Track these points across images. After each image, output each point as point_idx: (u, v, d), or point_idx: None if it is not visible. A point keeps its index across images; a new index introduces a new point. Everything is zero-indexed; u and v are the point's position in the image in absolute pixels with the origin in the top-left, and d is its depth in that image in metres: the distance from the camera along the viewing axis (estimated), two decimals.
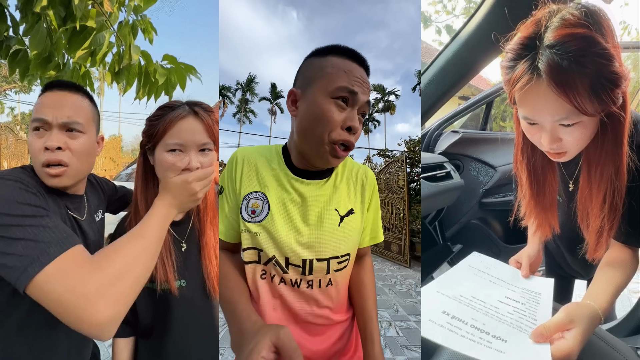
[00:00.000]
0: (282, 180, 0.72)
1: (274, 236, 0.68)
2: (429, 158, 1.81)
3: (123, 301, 0.52)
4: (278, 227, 0.68)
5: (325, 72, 0.62)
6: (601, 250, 0.77)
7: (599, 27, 0.60)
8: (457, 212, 2.06)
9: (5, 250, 0.51)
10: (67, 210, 0.71)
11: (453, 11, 4.32)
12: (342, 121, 0.61)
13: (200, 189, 0.68)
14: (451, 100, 1.33)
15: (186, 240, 0.79)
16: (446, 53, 1.18)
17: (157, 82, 1.24)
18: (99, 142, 0.78)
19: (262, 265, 0.70)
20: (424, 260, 0.62)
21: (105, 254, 0.54)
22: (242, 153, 0.75)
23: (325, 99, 0.61)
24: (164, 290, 0.73)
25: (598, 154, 0.71)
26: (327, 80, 0.61)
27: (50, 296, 0.49)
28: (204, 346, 0.77)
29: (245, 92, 27.27)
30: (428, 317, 0.62)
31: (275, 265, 0.69)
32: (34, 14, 1.02)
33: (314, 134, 0.62)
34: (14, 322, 0.64)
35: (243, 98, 27.09)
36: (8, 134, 9.22)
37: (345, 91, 0.60)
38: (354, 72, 0.62)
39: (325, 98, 0.61)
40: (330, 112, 0.60)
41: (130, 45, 1.18)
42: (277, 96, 27.88)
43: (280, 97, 27.85)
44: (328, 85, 0.61)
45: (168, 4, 27.01)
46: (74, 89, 0.72)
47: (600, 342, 0.68)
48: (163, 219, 0.64)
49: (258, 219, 0.69)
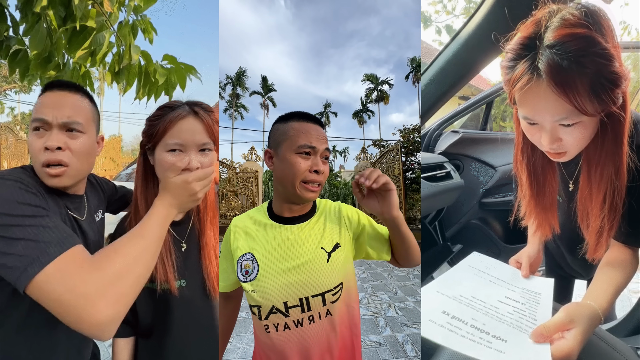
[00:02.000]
0: (267, 231, 0.81)
1: (268, 287, 0.75)
2: (429, 158, 1.81)
3: (123, 301, 0.52)
4: (270, 277, 0.76)
5: (288, 135, 0.77)
6: (601, 250, 0.77)
7: (599, 27, 0.60)
8: (457, 212, 2.06)
9: (5, 250, 0.51)
10: (67, 210, 0.71)
11: (453, 11, 4.32)
12: (308, 167, 0.76)
13: (200, 189, 0.68)
14: (451, 100, 1.33)
15: (186, 240, 0.79)
16: (446, 53, 1.18)
17: (157, 82, 1.24)
18: (99, 142, 0.78)
19: (264, 320, 0.76)
20: (424, 260, 0.62)
21: (105, 254, 0.54)
22: (234, 222, 0.87)
23: (292, 154, 0.76)
24: (164, 290, 0.73)
25: (598, 154, 0.71)
26: (290, 141, 0.76)
27: (50, 296, 0.49)
28: (204, 346, 0.77)
29: (235, 87, 25.81)
30: (428, 317, 0.62)
31: (276, 313, 0.75)
32: (34, 14, 1.02)
33: (289, 179, 0.76)
34: (14, 322, 0.64)
35: (234, 93, 25.73)
36: (8, 134, 9.21)
37: (306, 147, 0.75)
38: (311, 131, 0.77)
39: (292, 153, 0.75)
40: (298, 163, 0.75)
41: (130, 45, 1.18)
42: (269, 89, 26.78)
43: (272, 91, 26.81)
44: (292, 145, 0.76)
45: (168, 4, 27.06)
46: (74, 89, 0.72)
47: (600, 342, 0.68)
48: (163, 219, 0.64)
49: (252, 277, 0.77)
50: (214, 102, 3.73)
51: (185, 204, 0.68)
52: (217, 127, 0.74)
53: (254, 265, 0.78)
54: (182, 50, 47.81)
